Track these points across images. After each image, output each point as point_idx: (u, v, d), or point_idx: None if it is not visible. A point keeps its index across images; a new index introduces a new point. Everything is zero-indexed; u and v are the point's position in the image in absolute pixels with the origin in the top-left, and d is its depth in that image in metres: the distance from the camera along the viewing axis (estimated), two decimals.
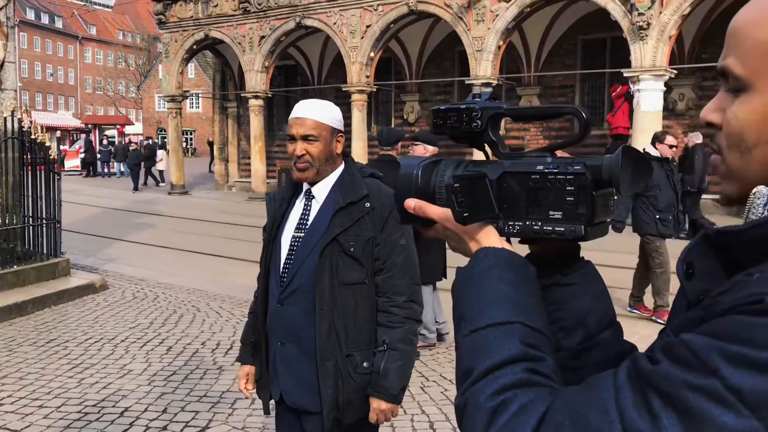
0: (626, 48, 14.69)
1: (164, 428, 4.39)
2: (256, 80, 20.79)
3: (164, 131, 52.43)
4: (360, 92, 18.81)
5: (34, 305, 7.48)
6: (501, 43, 16.50)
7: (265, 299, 2.59)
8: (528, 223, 0.90)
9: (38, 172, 8.53)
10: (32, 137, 8.41)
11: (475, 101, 0.97)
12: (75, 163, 32.99)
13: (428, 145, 5.71)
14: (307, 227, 2.50)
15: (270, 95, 21.60)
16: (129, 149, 26.59)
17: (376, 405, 2.44)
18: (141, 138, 41.36)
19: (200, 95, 46.91)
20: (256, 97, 20.86)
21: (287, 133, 2.51)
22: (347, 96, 18.80)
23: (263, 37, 20.51)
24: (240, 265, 10.11)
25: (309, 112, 2.45)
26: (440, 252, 5.77)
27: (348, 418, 2.47)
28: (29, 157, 8.45)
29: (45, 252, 8.53)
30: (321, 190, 2.52)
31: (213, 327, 6.83)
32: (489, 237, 0.91)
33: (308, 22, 19.58)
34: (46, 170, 8.54)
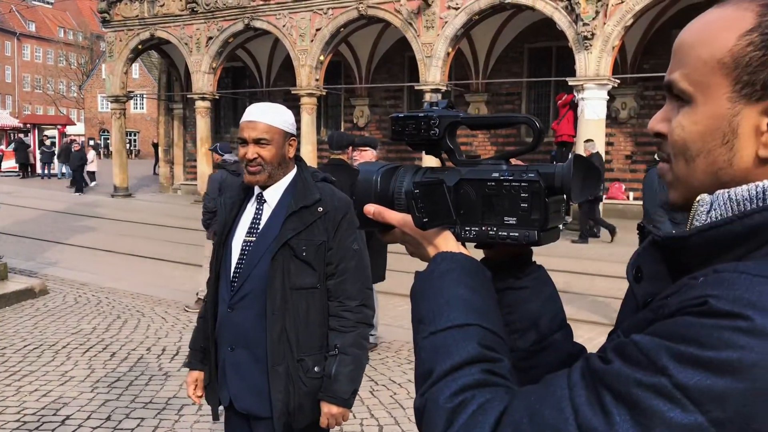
0: (571, 57, 15.05)
1: None
2: (203, 81, 20.51)
3: (107, 132, 51.21)
4: (309, 95, 18.75)
5: None
6: (450, 50, 16.69)
7: (215, 304, 2.57)
8: (484, 229, 0.93)
9: None
10: None
11: (433, 110, 0.99)
12: (13, 164, 31.90)
13: (374, 150, 6.00)
14: (259, 231, 2.48)
15: (217, 97, 21.35)
16: (72, 150, 25.87)
17: (327, 409, 2.44)
18: (83, 138, 40.28)
19: (145, 96, 45.99)
20: (203, 99, 20.58)
21: (239, 136, 2.48)
22: (296, 99, 18.71)
23: (211, 38, 20.25)
24: (186, 269, 9.94)
25: (261, 116, 2.43)
26: (381, 254, 5.83)
27: (299, 423, 2.47)
28: None
29: None
30: (273, 194, 2.51)
31: (158, 332, 6.70)
32: (447, 242, 0.93)
33: (257, 24, 19.43)
34: None
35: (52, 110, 68.79)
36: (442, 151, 1.01)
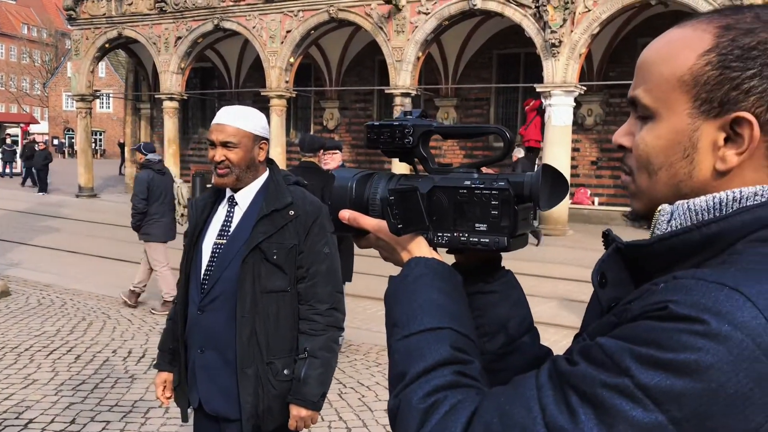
0: (539, 64, 15.24)
1: None
2: (172, 82, 20.30)
3: (72, 131, 50.33)
4: (279, 97, 18.68)
5: None
6: (420, 54, 16.77)
7: (185, 306, 2.56)
8: (456, 235, 0.96)
9: None
10: None
11: (407, 119, 1.02)
12: None
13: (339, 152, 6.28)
14: (230, 234, 2.49)
15: (185, 97, 21.15)
16: (36, 149, 25.38)
17: (296, 412, 2.45)
18: (46, 137, 39.49)
19: (112, 95, 45.31)
20: (171, 99, 20.36)
21: (207, 138, 2.50)
22: (266, 101, 18.62)
23: (179, 38, 20.06)
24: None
25: (230, 119, 2.44)
26: (348, 257, 5.86)
27: (267, 426, 2.48)
28: None
29: None
30: (244, 197, 2.51)
31: (124, 334, 6.63)
32: (420, 247, 0.96)
33: (227, 25, 19.30)
34: None
35: (15, 108, 67.32)
36: (416, 159, 1.04)
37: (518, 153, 13.53)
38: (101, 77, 46.92)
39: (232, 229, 2.49)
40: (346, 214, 1.01)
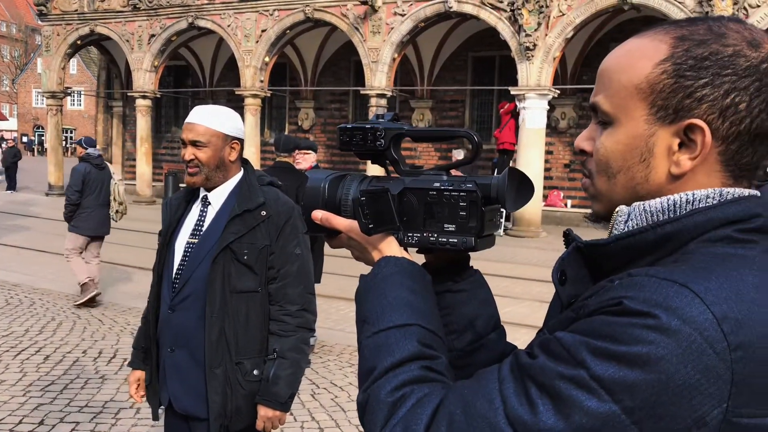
0: (514, 67, 15.38)
1: None
2: (145, 80, 20.10)
3: (42, 129, 49.56)
4: (253, 97, 18.61)
5: None
6: (396, 56, 16.83)
7: (157, 305, 2.56)
8: (425, 235, 0.99)
9: None
10: None
11: (379, 122, 1.05)
12: None
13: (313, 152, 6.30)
14: (202, 233, 2.49)
15: (158, 96, 20.95)
16: (5, 146, 24.98)
17: (264, 412, 2.46)
18: (15, 134, 38.85)
19: (83, 93, 44.72)
20: (144, 97, 20.16)
21: (180, 137, 2.52)
22: (240, 100, 18.54)
23: (153, 36, 19.88)
24: (124, 271, 9.74)
25: (200, 118, 2.45)
26: (319, 258, 5.88)
27: (236, 425, 2.48)
28: None
29: None
30: (217, 197, 2.52)
31: (95, 335, 6.56)
32: (390, 247, 0.99)
33: (201, 23, 19.17)
34: None
35: None
36: (387, 161, 1.06)
37: (458, 155, 13.74)
38: (72, 74, 46.30)
39: (204, 229, 2.49)
40: (319, 214, 1.03)
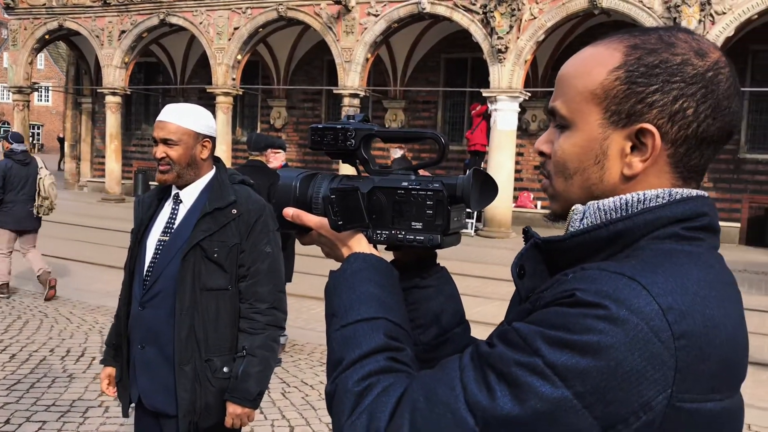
0: (486, 69, 15.51)
1: None
2: (115, 76, 19.87)
3: (8, 124, 48.62)
4: (225, 95, 18.51)
5: None
6: (369, 56, 16.86)
7: (128, 302, 2.57)
8: (393, 232, 1.03)
9: None
10: None
11: (350, 122, 1.08)
12: None
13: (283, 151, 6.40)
14: (173, 231, 2.50)
15: (129, 92, 20.73)
16: None
17: (232, 410, 2.48)
18: None
19: (51, 88, 44.01)
20: (114, 94, 19.92)
21: (152, 135, 2.53)
22: (212, 98, 18.42)
23: (124, 32, 19.65)
24: (92, 269, 9.63)
25: (172, 117, 2.47)
26: (289, 257, 5.90)
27: (205, 422, 2.50)
28: None
29: None
30: (189, 195, 2.53)
31: (62, 333, 6.49)
32: (359, 244, 1.03)
33: (173, 20, 19.00)
34: None
35: None
36: (358, 161, 1.10)
37: (395, 154, 13.89)
38: (40, 69, 45.57)
39: (176, 226, 2.51)
40: (290, 212, 1.06)
